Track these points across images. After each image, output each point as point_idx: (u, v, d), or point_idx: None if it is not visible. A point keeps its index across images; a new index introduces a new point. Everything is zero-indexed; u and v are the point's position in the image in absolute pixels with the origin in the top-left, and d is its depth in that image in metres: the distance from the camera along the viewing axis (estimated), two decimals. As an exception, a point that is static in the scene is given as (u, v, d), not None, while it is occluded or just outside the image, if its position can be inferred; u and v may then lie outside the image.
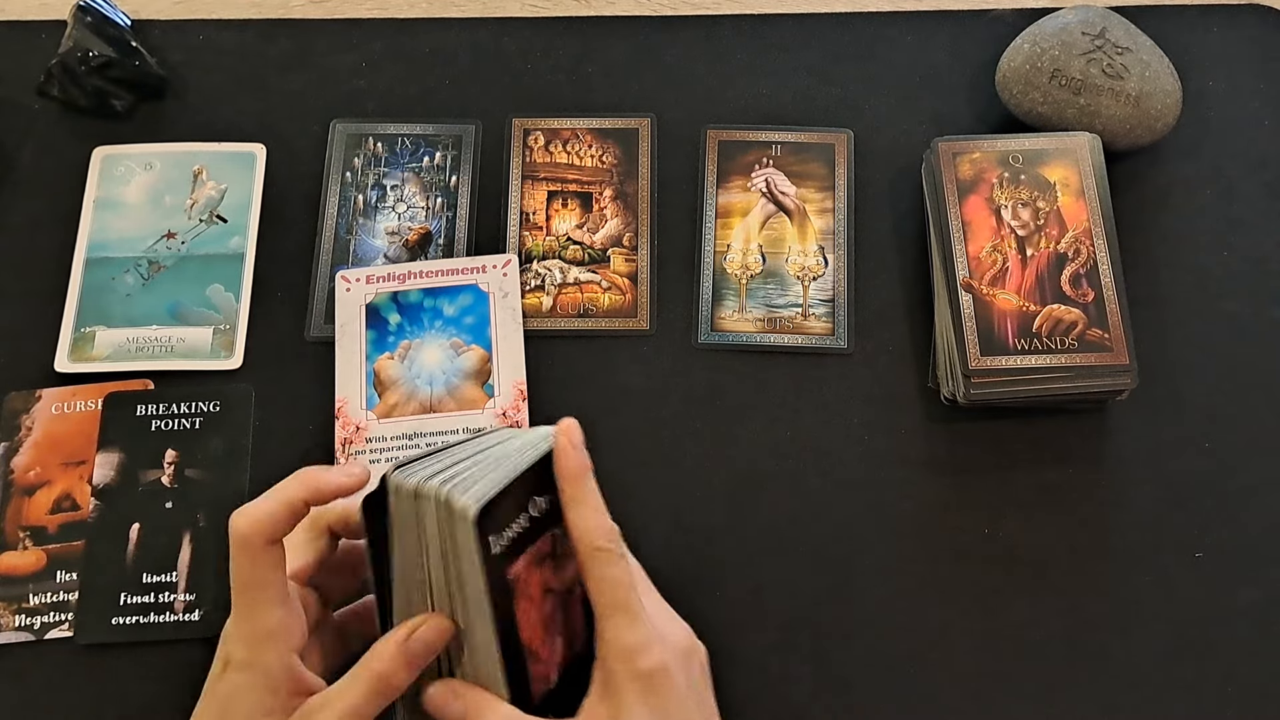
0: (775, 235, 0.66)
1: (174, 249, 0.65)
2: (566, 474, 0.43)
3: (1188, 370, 0.62)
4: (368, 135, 0.68)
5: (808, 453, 0.61)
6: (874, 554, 0.59)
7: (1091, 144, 0.62)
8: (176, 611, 0.57)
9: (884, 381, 0.62)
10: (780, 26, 0.72)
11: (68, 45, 0.67)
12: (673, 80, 0.70)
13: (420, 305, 0.63)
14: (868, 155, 0.68)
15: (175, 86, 0.70)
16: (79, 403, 0.61)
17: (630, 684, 0.41)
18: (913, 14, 0.72)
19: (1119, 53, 0.64)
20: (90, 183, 0.67)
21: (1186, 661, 0.57)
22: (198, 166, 0.67)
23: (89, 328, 0.63)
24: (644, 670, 0.41)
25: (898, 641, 0.57)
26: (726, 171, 0.67)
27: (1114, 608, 0.58)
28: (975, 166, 0.62)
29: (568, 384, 0.62)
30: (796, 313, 0.64)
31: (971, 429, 0.61)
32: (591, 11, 0.74)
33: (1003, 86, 0.66)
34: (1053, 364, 0.58)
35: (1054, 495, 0.60)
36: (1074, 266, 0.60)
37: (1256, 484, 0.60)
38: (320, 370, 0.62)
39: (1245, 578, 0.58)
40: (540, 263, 0.65)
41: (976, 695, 0.56)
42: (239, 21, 0.72)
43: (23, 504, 0.59)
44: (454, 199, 0.67)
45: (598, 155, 0.68)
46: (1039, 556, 0.58)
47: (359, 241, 0.66)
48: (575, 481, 0.43)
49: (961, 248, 0.61)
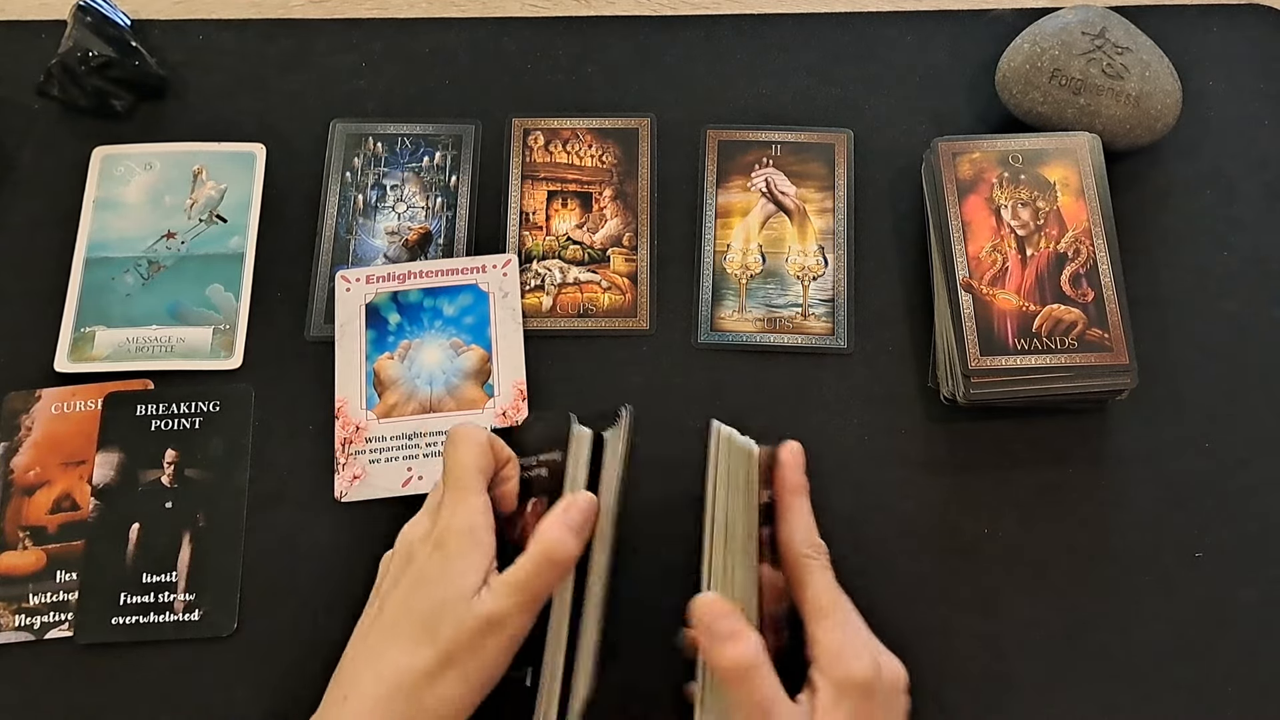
0: (775, 235, 0.66)
1: (174, 249, 0.65)
2: (789, 486, 0.50)
3: (1188, 370, 0.62)
4: (368, 135, 0.68)
5: (808, 453, 0.61)
6: (874, 554, 0.59)
7: (1091, 144, 0.62)
8: (176, 611, 0.57)
9: (884, 381, 0.62)
10: (780, 26, 0.72)
11: (68, 45, 0.67)
12: (673, 80, 0.70)
13: (420, 305, 0.63)
14: (868, 155, 0.68)
15: (175, 86, 0.70)
16: (79, 403, 0.61)
17: (840, 690, 0.44)
18: (913, 14, 0.72)
19: (1119, 53, 0.64)
20: (90, 183, 0.67)
21: (1186, 661, 0.57)
22: (198, 166, 0.67)
23: (89, 328, 0.63)
24: (854, 674, 0.44)
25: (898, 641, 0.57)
26: (726, 171, 0.67)
27: (1114, 608, 0.58)
28: (975, 166, 0.62)
29: (567, 384, 0.62)
30: (796, 313, 0.64)
31: (971, 429, 0.61)
32: (591, 11, 0.74)
33: (1003, 86, 0.66)
34: (1053, 364, 0.58)
35: (1054, 495, 0.60)
36: (1074, 266, 0.60)
37: (1256, 484, 0.60)
38: (320, 370, 0.62)
39: (1245, 578, 0.58)
40: (540, 263, 0.65)
41: (976, 695, 0.56)
42: (239, 21, 0.72)
43: (22, 504, 0.59)
44: (454, 199, 0.67)
45: (598, 155, 0.68)
46: (1039, 556, 0.58)
47: (359, 241, 0.66)
48: (794, 494, 0.50)
49: (961, 248, 0.61)
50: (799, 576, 0.47)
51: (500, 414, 0.61)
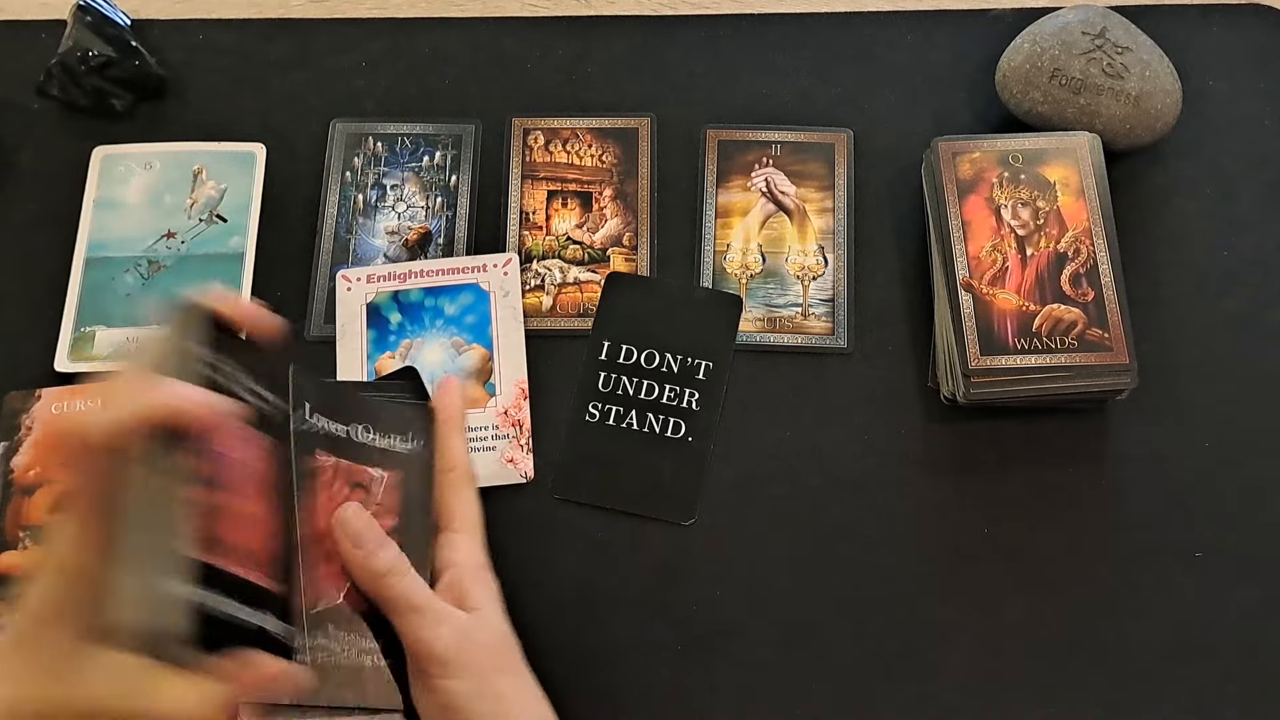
0: (775, 235, 0.66)
1: (174, 249, 0.65)
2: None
3: (1188, 370, 0.62)
4: (367, 135, 0.68)
5: (808, 453, 0.61)
6: (874, 554, 0.59)
7: (1091, 144, 0.62)
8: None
9: (884, 381, 0.62)
10: (780, 26, 0.72)
11: (68, 45, 0.67)
12: (673, 80, 0.70)
13: (421, 304, 0.63)
14: (868, 155, 0.68)
15: (175, 86, 0.70)
16: (79, 402, 0.61)
17: (483, 582, 0.50)
18: (913, 14, 0.72)
19: (1119, 52, 0.64)
20: (90, 183, 0.67)
21: (1186, 661, 0.56)
22: (198, 166, 0.67)
23: (89, 327, 0.63)
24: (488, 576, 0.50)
25: (898, 641, 0.57)
26: (726, 171, 0.67)
27: (1114, 608, 0.58)
28: (975, 166, 0.62)
29: (568, 383, 0.62)
30: (796, 312, 0.64)
31: (971, 429, 0.61)
32: (591, 11, 0.74)
33: (1003, 86, 0.66)
34: (1053, 364, 0.58)
35: (1054, 495, 0.60)
36: (1074, 266, 0.60)
37: (1256, 484, 0.60)
38: (321, 370, 0.62)
39: (1245, 578, 0.58)
40: (540, 262, 0.65)
41: (976, 695, 0.56)
42: (239, 21, 0.72)
43: (23, 504, 0.59)
44: (454, 199, 0.67)
45: (597, 155, 0.68)
46: (1039, 556, 0.58)
47: (359, 241, 0.66)
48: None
49: (961, 247, 0.60)
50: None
51: (502, 413, 0.61)
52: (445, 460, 0.52)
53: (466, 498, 0.52)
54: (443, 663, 0.46)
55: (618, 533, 0.59)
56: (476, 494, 0.52)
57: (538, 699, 0.49)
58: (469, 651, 0.47)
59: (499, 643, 0.49)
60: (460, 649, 0.46)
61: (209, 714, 0.37)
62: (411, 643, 0.47)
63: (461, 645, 0.47)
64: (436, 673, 0.46)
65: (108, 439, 0.37)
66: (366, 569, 0.47)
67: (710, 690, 0.56)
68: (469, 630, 0.47)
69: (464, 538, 0.51)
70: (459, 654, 0.46)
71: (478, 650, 0.47)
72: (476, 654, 0.47)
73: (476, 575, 0.50)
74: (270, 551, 0.44)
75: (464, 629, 0.47)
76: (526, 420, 0.61)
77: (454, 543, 0.50)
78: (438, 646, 0.46)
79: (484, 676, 0.47)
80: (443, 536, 0.51)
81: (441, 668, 0.46)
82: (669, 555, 0.59)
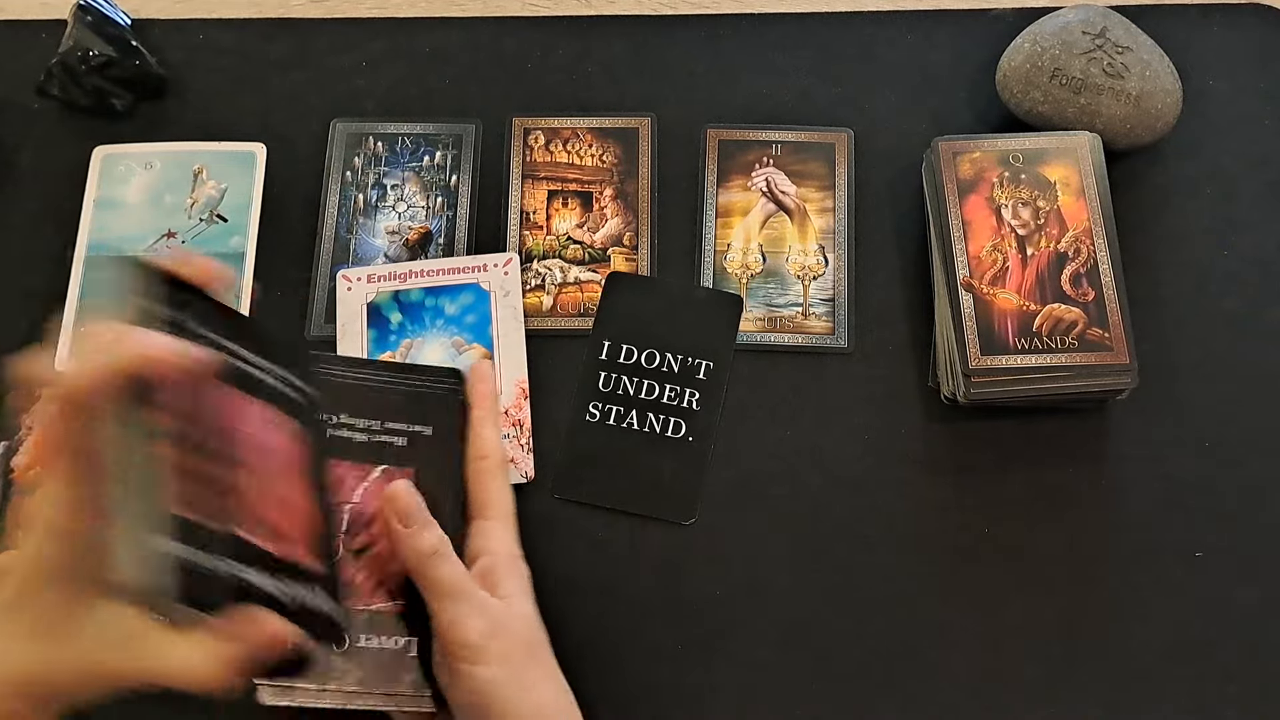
0: (775, 235, 0.66)
1: (174, 248, 0.65)
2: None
3: (1188, 370, 0.62)
4: (368, 135, 0.68)
5: (808, 452, 0.61)
6: (874, 554, 0.59)
7: (1092, 143, 0.62)
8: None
9: (884, 381, 0.62)
10: (780, 26, 0.72)
11: (68, 45, 0.67)
12: (673, 80, 0.70)
13: (422, 304, 0.63)
14: (868, 155, 0.68)
15: (175, 86, 0.70)
16: (79, 402, 0.61)
17: (516, 572, 0.50)
18: (913, 14, 0.72)
19: (1119, 52, 0.64)
20: (90, 182, 0.67)
21: (1186, 661, 0.57)
22: (198, 166, 0.67)
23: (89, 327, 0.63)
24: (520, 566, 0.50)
25: (898, 641, 0.57)
26: (726, 171, 0.67)
27: (1114, 608, 0.58)
28: (975, 166, 0.62)
29: (568, 383, 0.62)
30: (797, 312, 0.64)
31: (971, 429, 0.61)
32: (591, 11, 0.74)
33: (1003, 86, 0.66)
34: (1053, 363, 0.58)
35: (1054, 495, 0.60)
36: (1074, 266, 0.60)
37: (1256, 484, 0.60)
38: (320, 370, 0.62)
39: (1245, 578, 0.58)
40: (540, 262, 0.65)
41: (976, 695, 0.56)
42: (239, 21, 0.72)
43: (23, 504, 0.59)
44: (454, 198, 0.67)
45: (598, 154, 0.68)
46: (1039, 556, 0.58)
47: (359, 241, 0.66)
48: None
49: (962, 247, 0.61)
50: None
51: (502, 412, 0.61)
52: (478, 448, 0.52)
53: (499, 486, 0.51)
54: (476, 650, 0.46)
55: (618, 533, 0.59)
56: (509, 482, 0.52)
57: (564, 690, 0.48)
58: (501, 640, 0.46)
59: (530, 633, 0.48)
60: (494, 637, 0.46)
61: (215, 672, 0.37)
62: (445, 627, 0.46)
63: (495, 633, 0.46)
64: (468, 659, 0.46)
65: (84, 393, 0.36)
66: (412, 547, 0.47)
67: (710, 690, 0.56)
68: (503, 619, 0.47)
69: (497, 525, 0.50)
70: (492, 641, 0.46)
71: (509, 639, 0.47)
72: (508, 643, 0.47)
73: (510, 564, 0.49)
74: (307, 531, 0.43)
75: (498, 617, 0.47)
76: (527, 420, 0.61)
77: (487, 530, 0.50)
78: (472, 634, 0.46)
79: (515, 666, 0.46)
80: (475, 524, 0.50)
81: (474, 655, 0.46)
82: (669, 555, 0.59)
